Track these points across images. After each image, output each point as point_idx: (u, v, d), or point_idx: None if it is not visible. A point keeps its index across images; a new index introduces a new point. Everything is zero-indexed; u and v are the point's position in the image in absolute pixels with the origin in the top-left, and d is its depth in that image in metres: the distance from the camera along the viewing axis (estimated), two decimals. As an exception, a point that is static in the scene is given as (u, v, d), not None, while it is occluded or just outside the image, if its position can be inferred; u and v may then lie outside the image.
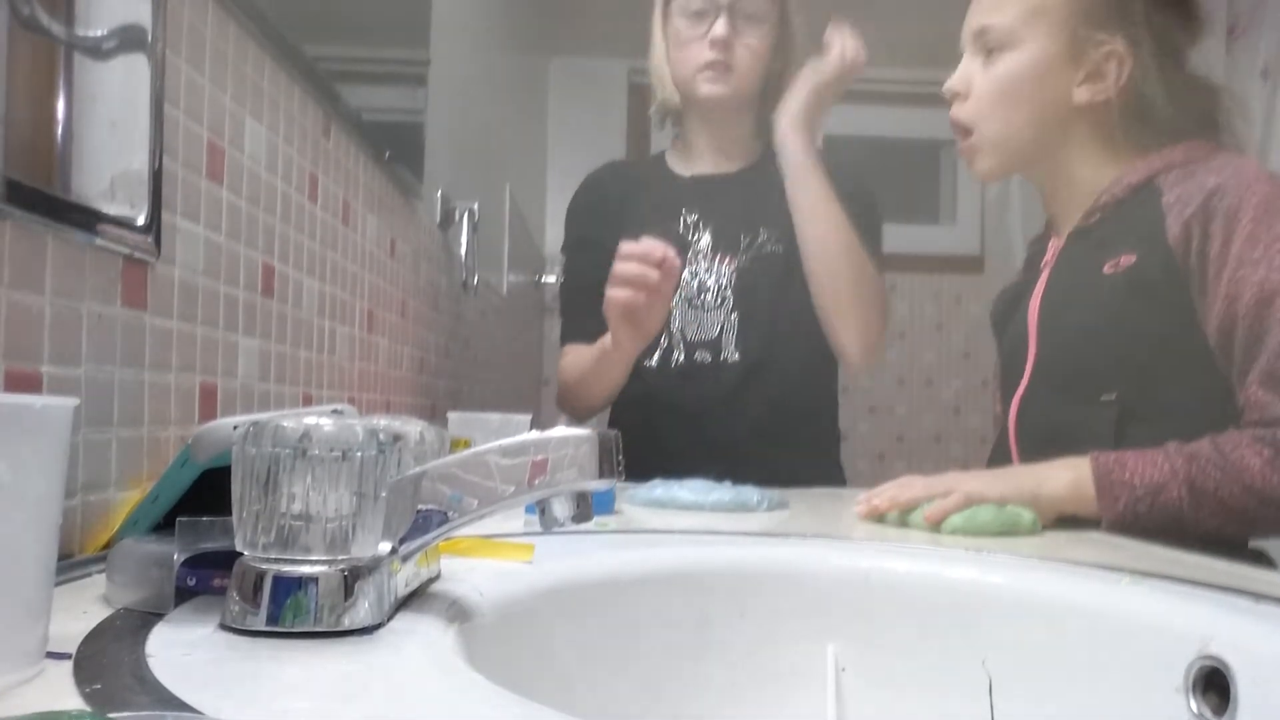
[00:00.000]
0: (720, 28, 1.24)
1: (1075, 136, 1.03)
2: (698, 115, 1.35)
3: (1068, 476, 0.88)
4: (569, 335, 1.40)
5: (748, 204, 1.33)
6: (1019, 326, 1.08)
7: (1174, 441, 0.87)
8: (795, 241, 1.29)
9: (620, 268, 1.10)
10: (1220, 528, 0.85)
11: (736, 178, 1.36)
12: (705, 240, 1.32)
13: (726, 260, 1.31)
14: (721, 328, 1.30)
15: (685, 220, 1.34)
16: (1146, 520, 0.85)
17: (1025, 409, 1.04)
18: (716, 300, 1.30)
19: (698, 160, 1.38)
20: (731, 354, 1.29)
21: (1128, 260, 0.96)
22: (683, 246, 1.31)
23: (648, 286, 1.08)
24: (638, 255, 1.08)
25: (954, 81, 1.06)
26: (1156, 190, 0.97)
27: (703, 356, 1.30)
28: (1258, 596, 0.57)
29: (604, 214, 1.41)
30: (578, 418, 1.37)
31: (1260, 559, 0.93)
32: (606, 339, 1.21)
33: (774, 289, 1.29)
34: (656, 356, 1.32)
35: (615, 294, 1.11)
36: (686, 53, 1.29)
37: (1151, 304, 0.94)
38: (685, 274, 1.31)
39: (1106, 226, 1.01)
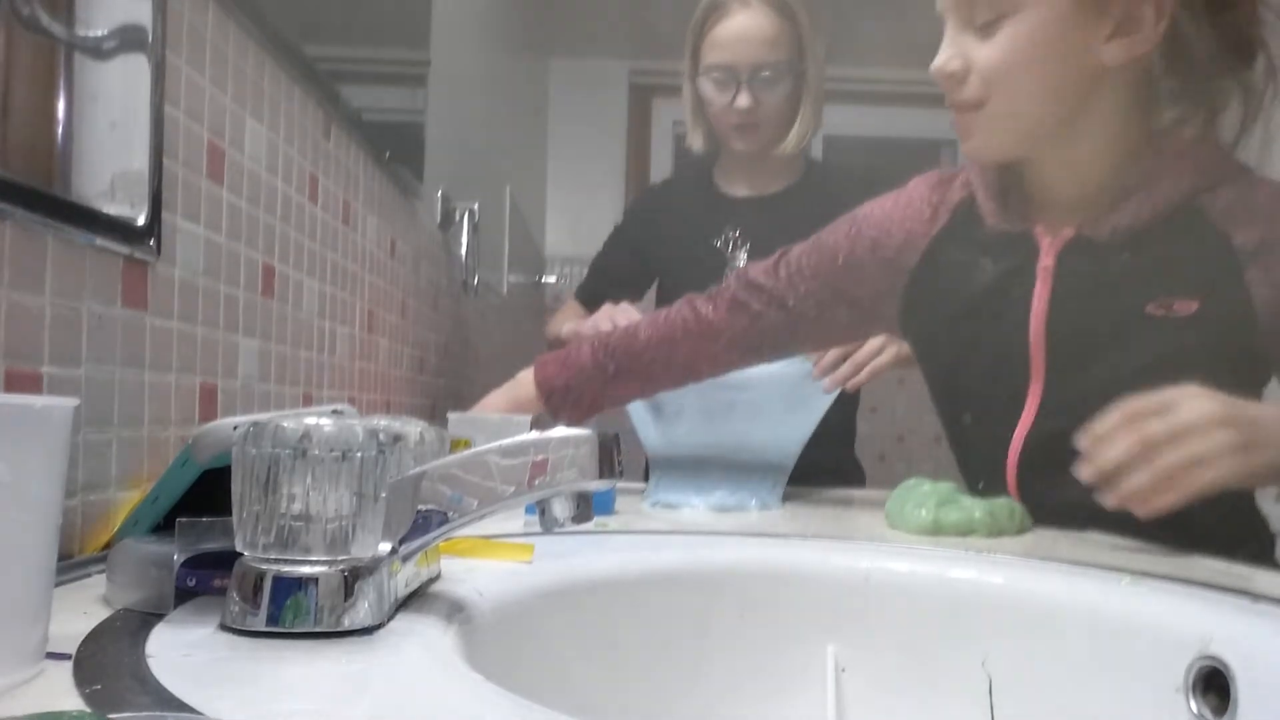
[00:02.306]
0: (743, 100, 1.36)
1: (1100, 106, 0.85)
2: (735, 154, 1.48)
3: None
4: (579, 291, 1.62)
5: (785, 225, 1.42)
6: (1013, 341, 0.90)
7: None
8: None
9: (603, 328, 1.24)
10: None
11: (777, 199, 1.47)
12: (742, 257, 1.45)
13: None
14: None
15: (728, 236, 1.46)
16: None
17: (1033, 449, 0.89)
18: None
19: (741, 183, 1.50)
20: None
21: (1185, 307, 0.81)
22: (721, 261, 1.45)
23: None
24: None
25: (946, 62, 0.85)
26: (1205, 219, 0.82)
27: None
28: (1257, 596, 0.57)
29: (651, 224, 1.59)
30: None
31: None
32: (583, 324, 1.36)
33: None
34: None
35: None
36: (717, 112, 1.41)
37: (1211, 352, 0.82)
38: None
39: (1142, 251, 0.84)
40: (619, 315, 1.27)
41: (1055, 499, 0.85)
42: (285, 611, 0.40)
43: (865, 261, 1.02)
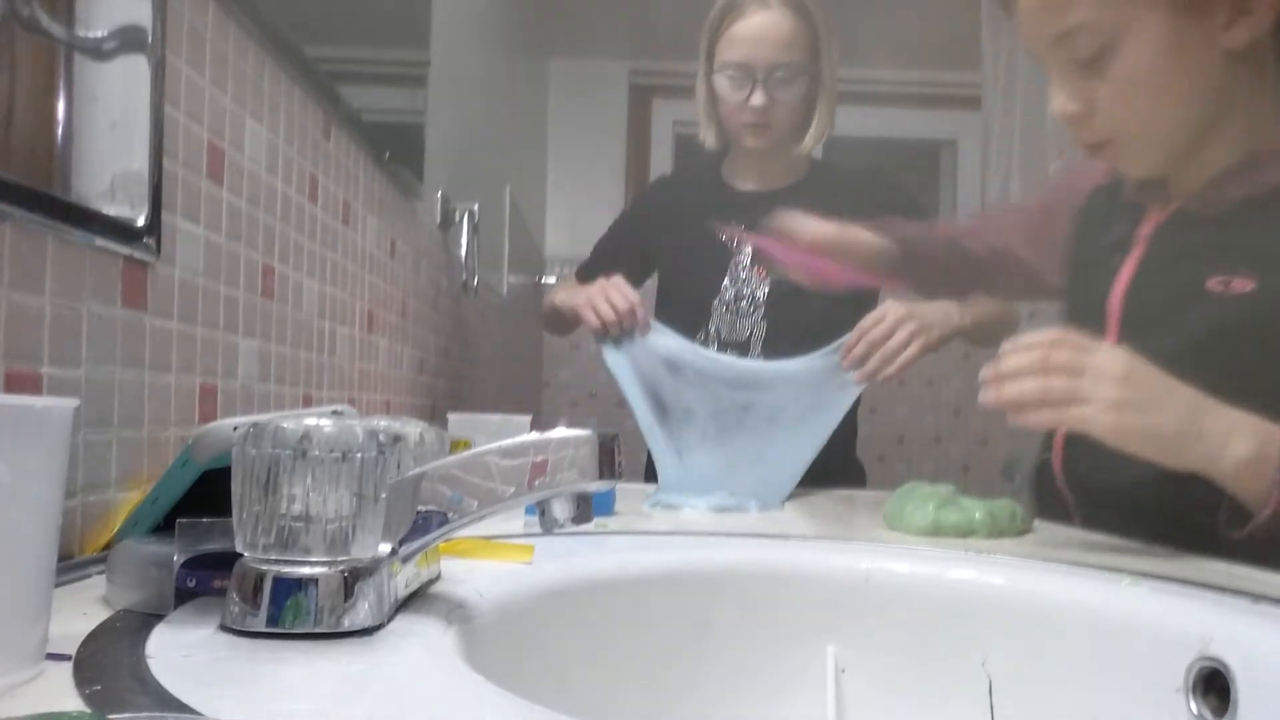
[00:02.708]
0: (758, 99, 1.37)
1: (1235, 94, 0.81)
2: (745, 151, 1.49)
3: (1246, 450, 0.69)
4: (580, 270, 1.59)
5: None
6: (1096, 304, 0.90)
7: None
8: None
9: (597, 301, 1.25)
10: None
11: (782, 195, 1.47)
12: (746, 251, 1.45)
13: (762, 272, 1.43)
14: (751, 332, 1.43)
15: (732, 230, 1.46)
16: None
17: None
18: (750, 307, 1.44)
19: (748, 178, 1.51)
20: (757, 356, 1.41)
21: (1242, 285, 0.78)
22: (726, 255, 1.46)
23: (604, 320, 1.23)
24: (616, 303, 1.24)
25: (1066, 104, 0.82)
26: None
27: (732, 355, 1.41)
28: (1257, 597, 0.57)
29: (651, 217, 1.60)
30: (550, 329, 1.62)
31: None
32: (577, 295, 1.35)
33: (801, 302, 1.38)
34: None
35: (584, 314, 1.26)
36: (730, 110, 1.41)
37: (1260, 334, 0.78)
38: (726, 280, 1.46)
39: (1226, 226, 0.81)
40: (611, 289, 1.26)
41: (1101, 480, 0.83)
42: (285, 612, 0.40)
43: (1061, 203, 1.04)
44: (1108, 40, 0.78)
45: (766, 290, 1.44)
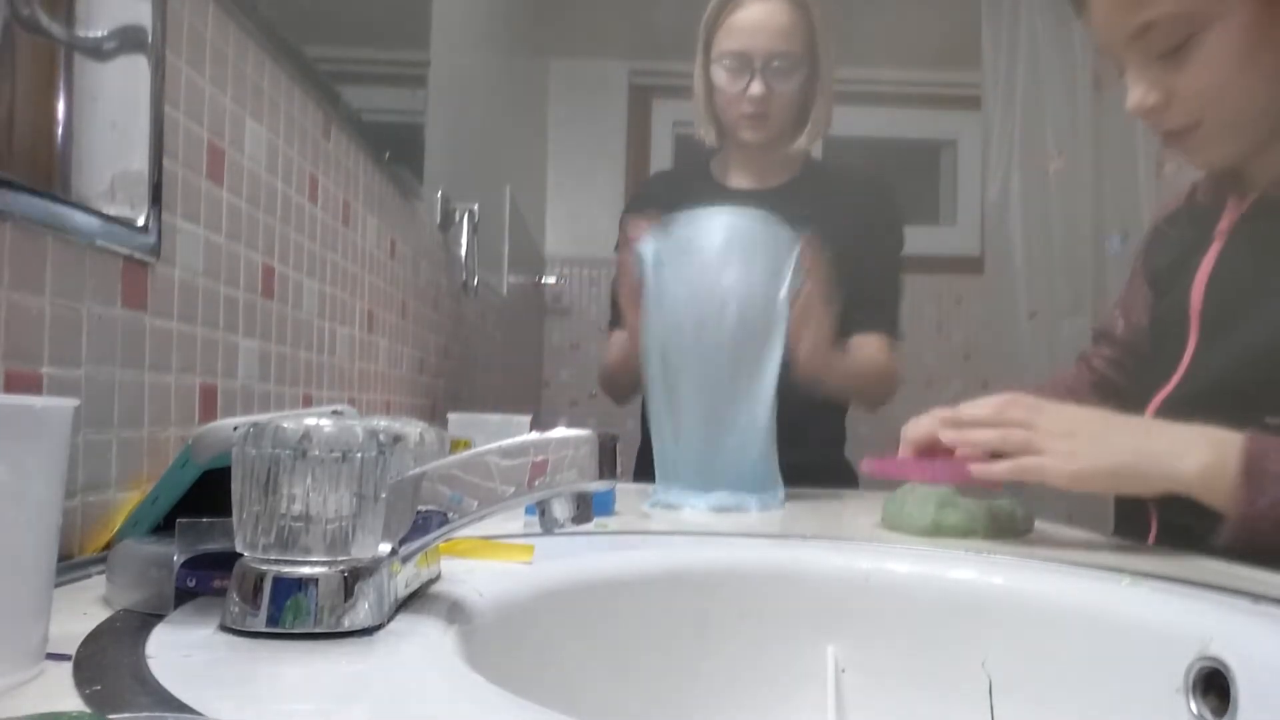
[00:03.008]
0: (756, 88, 1.37)
1: None
2: (740, 146, 1.48)
3: (1202, 459, 0.71)
4: (612, 322, 1.57)
5: (785, 220, 1.45)
6: (1178, 305, 0.89)
7: None
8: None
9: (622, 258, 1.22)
10: None
11: (775, 194, 1.47)
12: None
13: None
14: None
15: None
16: None
17: (1166, 416, 0.84)
18: None
19: (740, 176, 1.51)
20: None
21: None
22: None
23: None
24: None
25: (1143, 98, 0.82)
26: None
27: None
28: (1257, 597, 0.57)
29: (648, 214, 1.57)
30: (616, 398, 1.53)
31: None
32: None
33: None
34: None
35: (617, 285, 1.26)
36: (727, 101, 1.41)
37: None
38: None
39: None
40: (627, 246, 1.20)
41: None
42: (285, 612, 0.40)
43: (1137, 265, 1.05)
44: (1190, 29, 0.78)
45: None
